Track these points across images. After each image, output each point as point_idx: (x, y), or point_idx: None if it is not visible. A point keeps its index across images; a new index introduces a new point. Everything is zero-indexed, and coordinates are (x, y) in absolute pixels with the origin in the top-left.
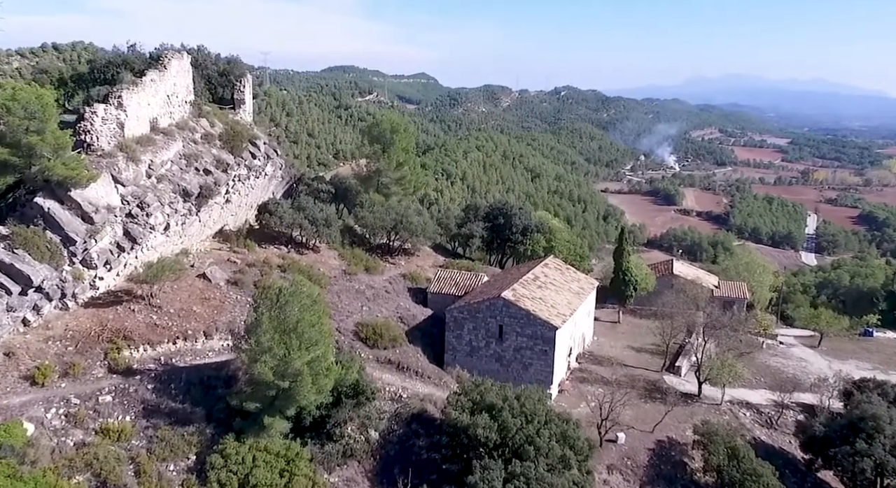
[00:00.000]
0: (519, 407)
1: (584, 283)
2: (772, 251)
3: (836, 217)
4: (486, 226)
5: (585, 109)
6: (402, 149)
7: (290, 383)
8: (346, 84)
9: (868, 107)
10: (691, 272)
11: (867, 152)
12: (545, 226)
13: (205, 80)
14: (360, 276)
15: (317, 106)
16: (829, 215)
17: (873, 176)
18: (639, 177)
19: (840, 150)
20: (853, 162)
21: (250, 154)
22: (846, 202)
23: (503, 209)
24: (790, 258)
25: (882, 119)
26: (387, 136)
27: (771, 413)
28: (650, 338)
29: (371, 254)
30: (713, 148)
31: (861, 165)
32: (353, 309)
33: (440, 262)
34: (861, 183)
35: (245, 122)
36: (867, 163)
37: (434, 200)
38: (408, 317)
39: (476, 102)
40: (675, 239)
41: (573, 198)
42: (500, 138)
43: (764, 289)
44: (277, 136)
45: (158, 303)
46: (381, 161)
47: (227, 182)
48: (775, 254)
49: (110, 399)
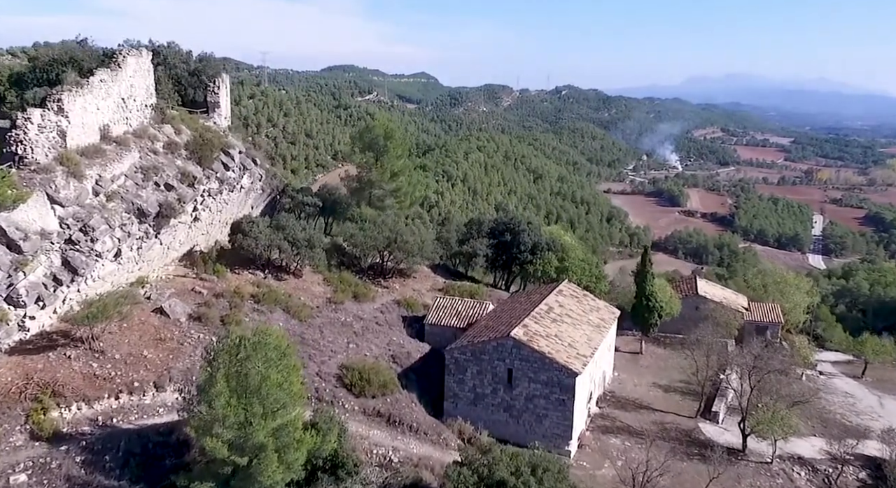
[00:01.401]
0: (536, 484)
1: (604, 313)
2: (778, 253)
3: (843, 218)
4: (490, 244)
5: (587, 108)
6: (396, 158)
7: (250, 459)
8: (346, 84)
9: (869, 106)
10: (718, 292)
11: (870, 151)
12: (557, 244)
13: (173, 80)
14: (348, 305)
15: (315, 106)
16: (836, 216)
17: (877, 175)
18: (641, 177)
19: (843, 150)
20: (856, 161)
21: (223, 165)
22: (851, 202)
23: (510, 224)
24: (797, 260)
25: (883, 118)
26: (380, 143)
27: (828, 470)
28: (677, 373)
29: (361, 276)
30: (716, 147)
31: (864, 165)
32: (338, 347)
33: (440, 285)
34: (865, 182)
35: (219, 129)
36: (870, 162)
37: (434, 203)
38: (401, 355)
39: (477, 102)
40: (681, 241)
41: (576, 199)
42: (502, 138)
43: (798, 310)
44: (255, 143)
45: (101, 346)
46: (374, 171)
47: (195, 198)
48: (782, 256)
49: (25, 478)
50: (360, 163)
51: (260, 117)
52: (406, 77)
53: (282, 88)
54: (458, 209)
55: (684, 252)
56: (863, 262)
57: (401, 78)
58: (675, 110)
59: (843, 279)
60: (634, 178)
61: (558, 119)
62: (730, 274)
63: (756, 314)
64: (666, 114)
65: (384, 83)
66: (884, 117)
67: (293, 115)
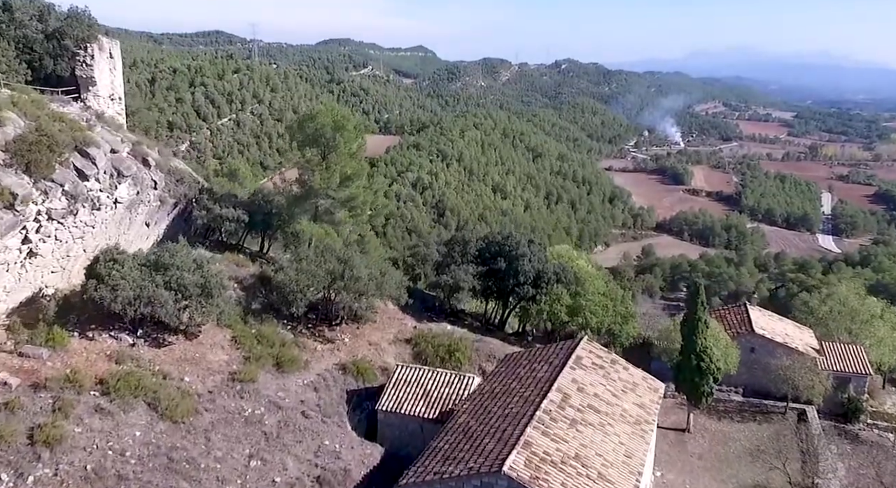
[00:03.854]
0: None
1: (643, 393)
2: (787, 234)
3: (851, 196)
4: (479, 272)
5: (587, 83)
6: (349, 156)
7: None
8: (341, 58)
9: (870, 79)
10: (777, 327)
11: (874, 126)
12: (568, 274)
13: (19, 46)
14: (264, 382)
15: (306, 81)
16: (844, 194)
17: (883, 151)
18: (643, 153)
19: (846, 124)
20: (860, 136)
21: (76, 172)
22: (858, 179)
23: (505, 246)
24: (807, 242)
25: (886, 92)
26: (327, 136)
27: None
28: (746, 468)
29: (296, 326)
30: (718, 122)
31: (869, 139)
32: (231, 469)
33: (408, 331)
34: (871, 158)
35: (85, 117)
36: (875, 136)
37: (428, 185)
38: (333, 479)
39: (475, 76)
40: (686, 222)
41: (577, 178)
42: (500, 115)
43: (884, 349)
44: (213, 130)
45: None
46: (318, 174)
47: (22, 223)
48: (791, 237)
49: None
50: (301, 164)
51: (245, 93)
52: (403, 51)
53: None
54: (452, 190)
55: (690, 233)
56: (876, 244)
57: (398, 52)
58: (676, 84)
59: (861, 266)
60: (636, 155)
61: (558, 94)
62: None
63: (833, 360)
64: (667, 88)
65: (380, 57)
66: (886, 91)
67: (280, 91)
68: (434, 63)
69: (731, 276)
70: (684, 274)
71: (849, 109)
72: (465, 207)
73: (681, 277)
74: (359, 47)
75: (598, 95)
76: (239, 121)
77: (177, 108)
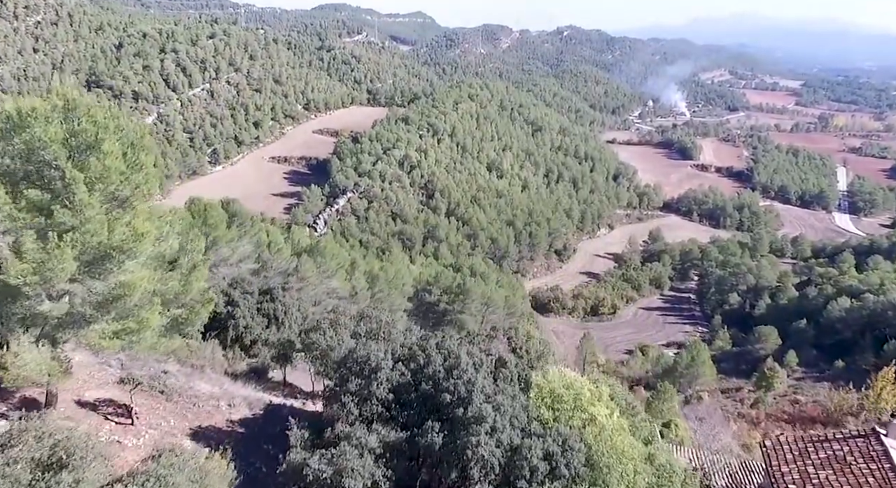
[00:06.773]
0: None
1: None
2: (802, 213)
3: (867, 170)
4: (392, 442)
5: (590, 50)
6: (116, 202)
7: None
8: (335, 23)
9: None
10: None
11: (884, 94)
12: (574, 453)
13: None
14: None
15: (291, 48)
16: (859, 168)
17: (895, 121)
18: (648, 125)
19: (856, 93)
20: (871, 105)
21: None
22: (872, 152)
23: (441, 387)
24: (823, 221)
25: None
26: (60, 169)
27: None
28: None
29: None
30: (724, 91)
31: (880, 109)
32: None
33: None
34: (883, 129)
35: None
36: (885, 106)
37: (416, 163)
38: None
39: (474, 43)
40: (696, 202)
41: (579, 154)
42: (498, 85)
43: None
44: None
45: None
46: (31, 249)
47: None
48: (806, 216)
49: None
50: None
51: (220, 60)
52: (401, 16)
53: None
54: (443, 169)
55: (700, 213)
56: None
57: (395, 17)
58: (680, 51)
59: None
60: (641, 126)
61: (560, 62)
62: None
63: None
64: (671, 55)
65: (376, 23)
66: (894, 57)
67: (259, 59)
68: (433, 29)
69: (750, 268)
70: (695, 261)
71: (857, 77)
72: (456, 188)
73: (691, 265)
74: (355, 13)
75: (601, 63)
76: (213, 91)
77: (143, 76)
